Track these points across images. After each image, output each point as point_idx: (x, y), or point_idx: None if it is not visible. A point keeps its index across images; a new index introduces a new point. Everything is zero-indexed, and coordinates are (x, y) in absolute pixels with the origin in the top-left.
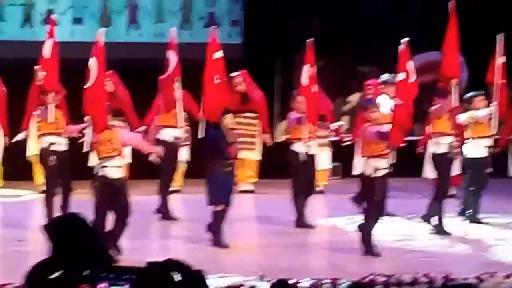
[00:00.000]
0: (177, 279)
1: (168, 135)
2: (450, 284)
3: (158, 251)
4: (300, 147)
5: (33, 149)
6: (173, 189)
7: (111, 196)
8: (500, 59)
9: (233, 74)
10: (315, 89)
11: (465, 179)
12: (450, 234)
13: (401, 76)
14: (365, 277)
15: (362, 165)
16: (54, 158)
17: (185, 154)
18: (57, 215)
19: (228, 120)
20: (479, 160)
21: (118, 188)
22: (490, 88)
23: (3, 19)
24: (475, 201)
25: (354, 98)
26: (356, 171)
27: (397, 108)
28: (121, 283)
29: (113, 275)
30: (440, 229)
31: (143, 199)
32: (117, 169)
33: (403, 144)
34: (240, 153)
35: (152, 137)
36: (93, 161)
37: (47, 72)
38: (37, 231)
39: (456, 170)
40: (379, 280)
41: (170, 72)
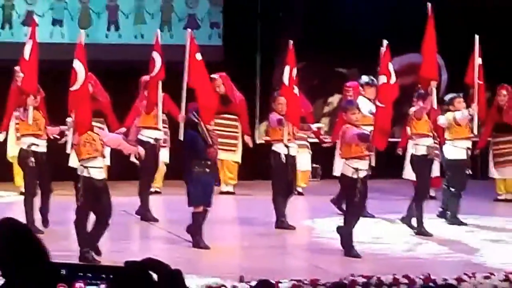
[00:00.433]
0: (155, 279)
1: (148, 136)
2: (429, 285)
3: (138, 252)
4: (281, 148)
5: (13, 150)
6: (153, 190)
7: (94, 197)
8: (477, 60)
9: (212, 76)
10: (296, 90)
11: (445, 181)
12: (430, 235)
13: (382, 79)
14: (345, 278)
15: (341, 166)
16: (33, 159)
17: (165, 155)
18: None
19: None
20: (459, 161)
21: (100, 189)
22: (469, 89)
23: None
24: (455, 203)
25: (334, 99)
26: (336, 173)
27: (379, 111)
28: (98, 282)
29: (90, 274)
30: (420, 230)
31: (122, 201)
32: (99, 170)
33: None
34: (219, 155)
35: (132, 138)
36: (73, 162)
37: (26, 74)
38: None
39: (435, 171)
40: (359, 281)
41: (155, 73)
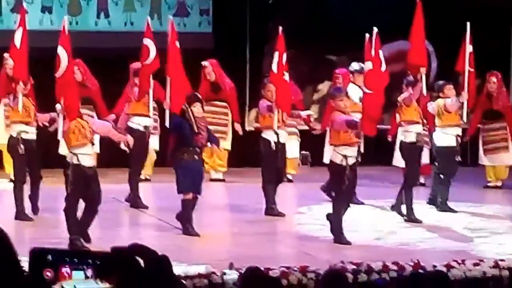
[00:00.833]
0: (142, 264)
1: (138, 123)
2: (419, 271)
3: (127, 239)
4: (270, 135)
5: (3, 138)
6: (143, 177)
7: (84, 184)
8: (468, 48)
9: (203, 63)
10: (286, 77)
11: (435, 168)
12: (420, 222)
13: (368, 65)
14: (335, 265)
15: (330, 153)
16: (22, 146)
17: (155, 142)
18: None
19: (196, 109)
20: (449, 148)
21: (90, 176)
22: (458, 76)
23: None
24: (444, 190)
25: (323, 87)
26: (326, 160)
27: (366, 97)
28: (84, 267)
29: (76, 260)
30: (410, 217)
31: (112, 188)
32: (89, 157)
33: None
34: (207, 142)
35: (122, 126)
36: (63, 150)
37: (16, 61)
38: (6, 220)
39: (425, 159)
40: (349, 268)
41: (150, 62)
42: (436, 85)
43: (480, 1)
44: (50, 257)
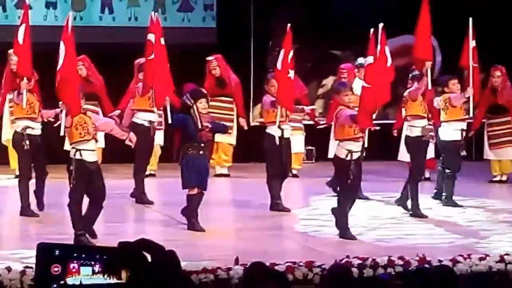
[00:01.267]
0: (149, 259)
1: (143, 119)
2: (424, 266)
3: (133, 235)
4: (274, 130)
5: (8, 134)
6: (148, 172)
7: (87, 179)
8: (471, 43)
9: (208, 58)
10: (291, 74)
11: (440, 162)
12: (425, 216)
13: (369, 59)
14: (340, 260)
15: (335, 148)
16: (27, 142)
17: (160, 138)
18: None
19: (202, 104)
20: (454, 143)
21: (93, 171)
22: (462, 71)
23: None
24: (449, 184)
25: (328, 81)
26: (331, 155)
27: (363, 91)
28: (92, 262)
29: (84, 255)
30: (415, 212)
31: (117, 183)
32: (91, 152)
33: (375, 127)
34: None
35: (127, 121)
36: (69, 146)
37: (20, 57)
38: (12, 216)
39: (430, 153)
40: (354, 263)
41: (154, 56)
42: (440, 80)
43: None
44: (57, 252)
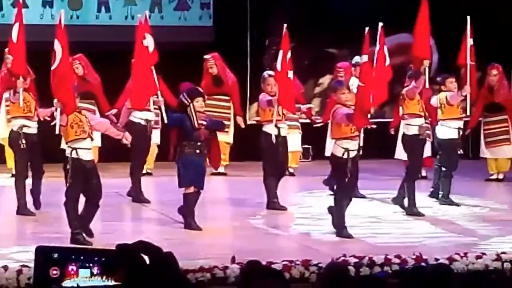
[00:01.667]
0: (147, 261)
1: (140, 117)
2: (421, 265)
3: (129, 234)
4: (271, 129)
5: (4, 132)
6: (144, 171)
7: (83, 178)
8: (469, 41)
9: (205, 56)
10: (290, 74)
11: (437, 161)
12: (422, 215)
13: (364, 58)
14: (337, 259)
15: (332, 146)
16: (23, 141)
17: (157, 137)
18: None
19: (198, 103)
20: (451, 141)
21: (89, 170)
22: (459, 70)
23: None
24: (446, 183)
25: (325, 80)
26: (328, 153)
27: (358, 90)
28: (90, 265)
29: (82, 257)
30: (412, 210)
31: (114, 182)
32: (87, 151)
33: (372, 125)
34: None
35: (124, 120)
36: (65, 144)
37: (14, 56)
38: (8, 215)
39: (427, 151)
40: (351, 261)
41: (135, 58)
42: (437, 78)
43: None
44: (56, 255)
